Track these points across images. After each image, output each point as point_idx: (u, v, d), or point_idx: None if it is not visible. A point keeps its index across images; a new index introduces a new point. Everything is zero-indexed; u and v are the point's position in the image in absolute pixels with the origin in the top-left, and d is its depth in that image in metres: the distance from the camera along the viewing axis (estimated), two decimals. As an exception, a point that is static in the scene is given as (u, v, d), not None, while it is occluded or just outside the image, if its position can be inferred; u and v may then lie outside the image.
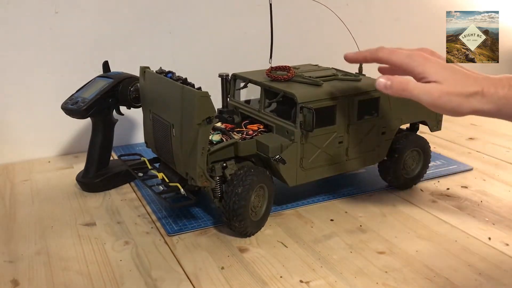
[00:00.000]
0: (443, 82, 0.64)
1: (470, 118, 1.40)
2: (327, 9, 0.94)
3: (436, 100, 0.64)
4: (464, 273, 0.67)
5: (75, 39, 1.10)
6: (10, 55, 1.06)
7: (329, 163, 0.83)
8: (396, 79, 0.66)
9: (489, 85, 0.62)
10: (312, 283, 0.66)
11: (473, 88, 0.62)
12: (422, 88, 0.65)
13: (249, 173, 0.74)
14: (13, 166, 1.08)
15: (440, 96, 0.63)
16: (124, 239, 0.77)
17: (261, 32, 0.96)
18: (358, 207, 0.87)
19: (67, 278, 0.67)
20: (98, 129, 0.94)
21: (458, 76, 0.64)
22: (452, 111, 0.65)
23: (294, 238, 0.77)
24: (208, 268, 0.69)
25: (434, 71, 0.64)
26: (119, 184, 0.96)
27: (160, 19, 1.17)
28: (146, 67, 0.84)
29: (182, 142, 0.73)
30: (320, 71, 0.93)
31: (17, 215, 0.85)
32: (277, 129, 0.82)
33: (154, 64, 0.87)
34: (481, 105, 0.62)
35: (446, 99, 0.63)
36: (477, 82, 0.63)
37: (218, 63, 1.21)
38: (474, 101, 0.62)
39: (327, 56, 1.20)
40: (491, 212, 0.85)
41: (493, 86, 0.62)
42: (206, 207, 0.86)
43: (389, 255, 0.72)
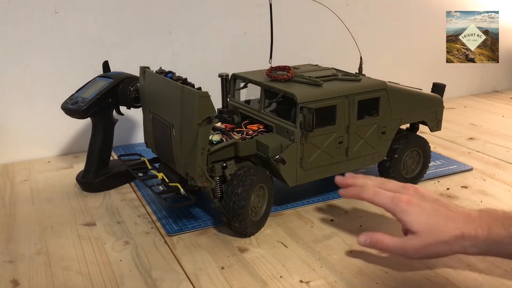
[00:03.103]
0: (420, 234, 0.63)
1: (470, 118, 1.40)
2: (327, 9, 0.94)
3: (413, 256, 0.64)
4: (464, 273, 0.67)
5: (75, 39, 1.10)
6: (10, 55, 1.06)
7: (329, 163, 0.83)
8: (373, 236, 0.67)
9: (469, 229, 0.60)
10: (312, 283, 0.66)
11: (452, 233, 0.61)
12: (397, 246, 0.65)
13: (249, 173, 0.74)
14: (13, 166, 1.08)
15: (417, 251, 0.63)
16: (124, 239, 0.77)
17: (261, 32, 0.96)
18: (358, 207, 0.87)
19: (67, 278, 0.67)
20: (98, 129, 0.94)
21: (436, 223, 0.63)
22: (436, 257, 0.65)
23: (294, 238, 0.77)
24: (208, 268, 0.69)
25: (413, 220, 0.64)
26: (119, 184, 0.96)
27: (160, 19, 1.17)
28: (146, 67, 0.84)
29: (182, 142, 0.73)
30: (320, 71, 0.93)
31: (17, 215, 0.85)
32: (277, 129, 0.82)
33: (154, 64, 0.88)
34: (464, 249, 0.61)
35: (424, 253, 0.63)
36: (456, 225, 0.61)
37: (218, 63, 1.21)
38: (456, 246, 0.61)
39: (327, 56, 1.20)
40: (491, 212, 0.85)
41: (473, 229, 0.60)
42: (206, 207, 0.86)
43: (389, 255, 0.72)
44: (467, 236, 0.60)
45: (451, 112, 1.45)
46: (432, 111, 0.94)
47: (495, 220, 0.60)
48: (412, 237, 0.63)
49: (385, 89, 0.85)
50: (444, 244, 0.61)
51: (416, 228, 0.63)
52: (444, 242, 0.61)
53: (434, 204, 0.64)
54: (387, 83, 0.86)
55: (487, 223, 0.60)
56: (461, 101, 1.60)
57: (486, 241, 0.59)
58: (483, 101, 1.62)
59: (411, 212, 0.64)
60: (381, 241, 0.66)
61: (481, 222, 0.60)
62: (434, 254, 0.63)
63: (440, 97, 0.95)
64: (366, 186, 0.70)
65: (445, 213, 0.63)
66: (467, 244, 0.60)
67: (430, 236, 0.62)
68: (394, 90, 0.87)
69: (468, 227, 0.60)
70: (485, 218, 0.61)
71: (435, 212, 0.63)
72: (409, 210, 0.64)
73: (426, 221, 0.63)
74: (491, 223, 0.59)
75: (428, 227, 0.63)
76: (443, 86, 0.96)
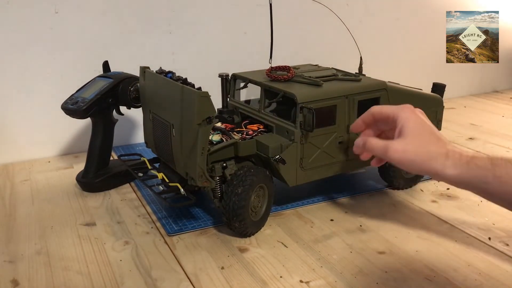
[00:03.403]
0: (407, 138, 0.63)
1: (470, 118, 1.40)
2: (327, 9, 0.94)
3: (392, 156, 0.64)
4: (464, 273, 0.67)
5: (75, 39, 1.10)
6: (10, 55, 1.06)
7: (329, 163, 0.83)
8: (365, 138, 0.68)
9: (454, 151, 0.61)
10: (312, 283, 0.66)
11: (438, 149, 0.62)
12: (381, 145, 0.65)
13: (249, 173, 0.74)
14: (13, 166, 1.08)
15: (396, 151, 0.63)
16: (124, 239, 0.77)
17: (261, 32, 0.96)
18: (358, 207, 0.87)
19: (67, 278, 0.67)
20: (98, 129, 0.94)
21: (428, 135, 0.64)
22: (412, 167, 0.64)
23: (294, 238, 0.77)
24: (208, 268, 0.69)
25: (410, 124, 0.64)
26: (119, 184, 0.96)
27: (160, 19, 1.17)
28: (146, 67, 0.84)
29: (182, 142, 0.73)
30: (320, 71, 0.93)
31: (17, 215, 0.85)
32: (277, 129, 0.82)
33: (154, 64, 0.87)
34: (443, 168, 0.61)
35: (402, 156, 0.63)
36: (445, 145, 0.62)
37: (218, 63, 1.21)
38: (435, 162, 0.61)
39: (327, 56, 1.20)
40: (491, 212, 0.85)
41: (458, 152, 0.61)
42: (206, 207, 0.86)
43: (389, 255, 0.72)
44: (451, 154, 0.61)
45: (451, 112, 1.45)
46: (432, 111, 0.94)
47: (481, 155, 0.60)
48: (398, 140, 0.64)
49: (385, 89, 0.85)
50: (426, 154, 0.62)
51: (407, 132, 0.64)
52: (428, 152, 0.62)
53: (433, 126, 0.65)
54: (387, 83, 0.86)
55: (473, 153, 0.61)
56: (461, 101, 1.60)
57: (468, 163, 0.60)
58: (483, 101, 1.62)
59: (413, 117, 0.65)
60: (369, 141, 0.67)
61: (467, 152, 0.61)
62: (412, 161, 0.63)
63: (440, 97, 0.95)
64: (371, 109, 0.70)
65: (439, 135, 0.64)
66: (448, 163, 0.60)
67: (416, 142, 0.63)
68: (394, 90, 0.87)
69: (455, 150, 0.61)
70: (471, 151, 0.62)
71: (431, 130, 0.64)
72: (412, 116, 0.65)
73: (420, 130, 0.64)
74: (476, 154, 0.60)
75: (418, 134, 0.63)
76: (443, 86, 0.96)
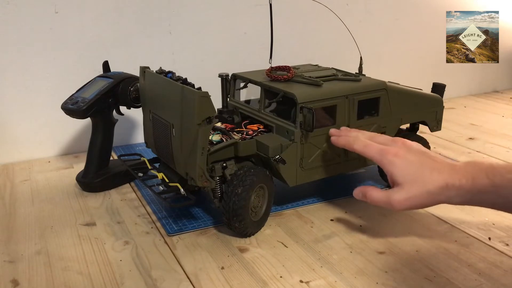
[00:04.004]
0: (405, 185, 0.64)
1: (470, 118, 1.40)
2: (327, 9, 0.94)
3: (397, 207, 0.65)
4: (464, 273, 0.67)
5: (75, 39, 1.10)
6: (10, 55, 1.06)
7: (329, 163, 0.83)
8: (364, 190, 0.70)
9: (453, 179, 0.61)
10: (312, 283, 0.66)
11: (437, 184, 0.62)
12: (383, 199, 0.67)
13: (249, 173, 0.74)
14: (13, 166, 1.08)
15: (401, 202, 0.64)
16: (124, 239, 0.77)
17: (261, 32, 0.96)
18: (358, 207, 0.87)
19: (67, 278, 0.67)
20: (98, 129, 0.94)
21: (421, 174, 0.64)
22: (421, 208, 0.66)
23: (294, 238, 0.77)
24: (208, 268, 0.69)
25: (398, 171, 0.66)
26: (119, 184, 0.96)
27: (160, 19, 1.17)
28: (146, 67, 0.84)
29: (182, 142, 0.73)
30: (320, 71, 0.93)
31: (17, 215, 0.85)
32: (277, 129, 0.82)
33: (154, 64, 0.87)
34: (449, 199, 0.62)
35: (408, 204, 0.64)
36: (441, 176, 0.63)
37: (218, 63, 1.21)
38: (440, 196, 0.63)
39: (327, 56, 1.20)
40: (491, 212, 0.85)
41: (458, 179, 0.61)
42: (206, 207, 0.86)
43: (389, 255, 0.72)
44: (451, 186, 0.61)
45: (451, 112, 1.45)
46: (432, 111, 0.94)
47: (479, 171, 0.60)
48: (397, 189, 0.65)
49: (385, 89, 0.85)
50: (428, 194, 0.63)
51: (401, 180, 0.65)
52: (429, 192, 0.63)
53: (421, 156, 0.66)
54: (387, 83, 0.86)
55: (472, 173, 0.60)
56: (461, 101, 1.60)
57: (470, 191, 0.60)
58: (483, 101, 1.62)
59: (397, 164, 0.66)
60: (370, 194, 0.68)
61: (465, 173, 0.61)
62: (419, 204, 0.65)
63: (440, 97, 0.95)
64: (358, 138, 0.73)
65: (430, 165, 0.64)
66: (452, 194, 0.62)
67: (415, 188, 0.64)
68: (394, 90, 0.87)
69: (453, 177, 0.61)
70: (469, 169, 0.61)
71: (420, 164, 0.65)
72: (396, 162, 0.66)
73: (411, 172, 0.64)
74: (476, 174, 0.60)
75: (412, 178, 0.64)
76: (443, 86, 0.96)
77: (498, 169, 0.59)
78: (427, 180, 0.63)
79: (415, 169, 0.65)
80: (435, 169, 0.64)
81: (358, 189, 0.72)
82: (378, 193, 0.68)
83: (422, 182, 0.63)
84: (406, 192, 0.64)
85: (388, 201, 0.66)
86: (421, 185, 0.63)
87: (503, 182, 0.58)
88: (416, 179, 0.64)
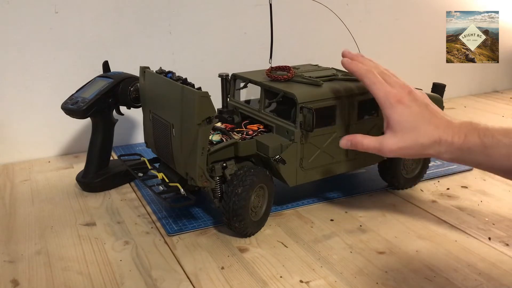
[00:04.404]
0: (399, 133, 0.66)
1: (470, 118, 1.40)
2: (327, 9, 0.94)
3: (387, 154, 0.67)
4: (464, 273, 0.67)
5: (75, 39, 1.10)
6: (10, 55, 1.06)
7: (329, 163, 0.83)
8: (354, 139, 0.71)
9: (447, 135, 0.63)
10: (312, 283, 0.66)
11: (430, 138, 0.64)
12: (375, 145, 0.68)
13: (249, 173, 0.74)
14: (13, 166, 1.08)
15: (392, 151, 0.66)
16: (124, 239, 0.77)
17: (261, 32, 0.96)
18: (358, 207, 0.87)
19: (67, 278, 0.67)
20: (98, 129, 0.94)
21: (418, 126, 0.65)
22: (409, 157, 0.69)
23: (294, 238, 0.77)
24: (208, 268, 0.69)
25: (397, 118, 0.66)
26: (119, 184, 0.96)
27: (160, 19, 1.17)
28: (146, 67, 0.84)
29: (182, 142, 0.73)
30: (320, 71, 0.93)
31: (17, 215, 0.85)
32: (277, 129, 0.82)
33: (154, 64, 0.87)
34: (439, 153, 0.64)
35: (398, 153, 0.66)
36: (436, 130, 0.64)
37: (218, 63, 1.21)
38: (431, 150, 0.64)
39: (327, 56, 1.20)
40: (491, 212, 0.85)
41: (451, 135, 0.63)
42: (206, 207, 0.86)
43: (389, 255, 0.72)
44: (443, 141, 0.63)
45: (451, 112, 1.45)
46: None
47: (473, 130, 0.61)
48: (390, 136, 0.66)
49: (385, 89, 0.85)
50: (420, 146, 0.64)
51: (397, 127, 0.66)
52: (421, 144, 0.64)
53: (423, 108, 0.66)
54: (387, 83, 0.86)
55: (465, 131, 0.62)
56: (461, 101, 1.60)
57: (460, 148, 0.61)
58: (483, 101, 1.62)
59: (398, 110, 0.66)
60: (361, 142, 0.69)
61: (459, 130, 0.62)
62: (408, 154, 0.67)
63: (440, 97, 0.95)
64: (369, 72, 0.72)
65: (429, 118, 0.65)
66: (442, 149, 0.63)
67: (408, 138, 0.65)
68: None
69: (447, 133, 0.63)
70: (464, 127, 0.63)
71: (420, 116, 0.65)
72: (397, 108, 0.66)
73: (408, 121, 0.65)
74: (468, 132, 0.61)
75: (408, 128, 0.65)
76: (443, 86, 0.96)
77: (491, 131, 0.60)
78: (422, 132, 0.64)
79: (413, 119, 0.65)
80: (432, 123, 0.65)
81: (345, 137, 0.72)
82: (370, 140, 0.69)
83: (416, 133, 0.65)
84: (399, 140, 0.65)
85: (379, 147, 0.67)
86: (415, 137, 0.65)
87: (492, 143, 0.59)
88: (412, 130, 0.65)
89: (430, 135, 0.64)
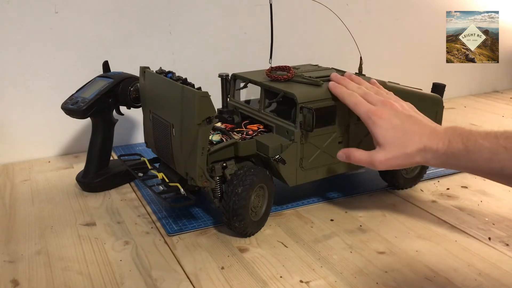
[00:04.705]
0: (385, 147, 0.69)
1: (470, 118, 1.40)
2: (327, 9, 0.94)
3: (378, 167, 0.71)
4: (464, 273, 0.67)
5: (75, 39, 1.10)
6: (10, 55, 1.06)
7: (329, 163, 0.83)
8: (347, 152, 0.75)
9: (432, 142, 0.65)
10: (312, 283, 0.66)
11: (415, 147, 0.67)
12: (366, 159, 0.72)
13: (249, 173, 0.74)
14: (13, 166, 1.08)
15: (381, 162, 0.69)
16: (124, 239, 0.77)
17: (261, 32, 0.96)
18: (358, 207, 0.87)
19: (67, 278, 0.67)
20: (98, 129, 0.94)
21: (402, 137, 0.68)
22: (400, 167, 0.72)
23: (294, 238, 0.77)
24: (208, 268, 0.69)
25: (380, 133, 0.70)
26: (119, 184, 0.96)
27: (160, 19, 1.17)
28: (146, 67, 0.84)
29: (182, 142, 0.73)
30: (320, 71, 0.93)
31: (17, 215, 0.85)
32: (277, 129, 0.82)
33: (154, 64, 0.88)
34: (426, 160, 0.67)
35: (388, 164, 0.69)
36: (421, 139, 0.67)
37: (218, 63, 1.21)
38: (418, 157, 0.67)
39: (327, 56, 1.20)
40: (491, 212, 0.85)
41: (435, 142, 0.65)
42: (206, 207, 0.86)
43: (389, 255, 0.72)
44: (428, 149, 0.65)
45: (451, 112, 1.45)
46: (432, 111, 0.94)
47: (457, 135, 0.64)
48: (378, 150, 0.70)
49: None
50: (406, 156, 0.67)
51: (383, 141, 0.69)
52: (407, 154, 0.67)
53: (405, 120, 0.70)
54: (387, 83, 0.86)
55: (449, 137, 0.64)
56: (461, 101, 1.60)
57: (445, 153, 0.64)
58: (483, 101, 1.62)
59: (381, 125, 0.70)
60: (353, 155, 0.73)
61: (444, 137, 0.65)
62: (397, 165, 0.70)
63: (440, 97, 0.95)
64: (352, 95, 0.76)
65: (412, 129, 0.68)
66: (428, 156, 0.66)
67: (394, 149, 0.68)
68: (394, 90, 0.87)
69: (432, 141, 0.65)
70: (448, 133, 0.65)
71: (402, 128, 0.69)
72: (379, 124, 0.70)
73: (392, 135, 0.69)
74: (452, 138, 0.64)
75: (393, 140, 0.68)
76: (443, 86, 0.96)
77: (474, 135, 0.62)
78: (407, 142, 0.67)
79: (396, 131, 0.69)
80: (416, 133, 0.68)
81: (342, 151, 0.76)
82: (361, 153, 0.72)
83: (402, 144, 0.68)
84: (386, 152, 0.69)
85: (370, 161, 0.71)
86: (401, 147, 0.68)
87: (475, 148, 0.61)
88: (397, 141, 0.68)
89: (415, 144, 0.67)
